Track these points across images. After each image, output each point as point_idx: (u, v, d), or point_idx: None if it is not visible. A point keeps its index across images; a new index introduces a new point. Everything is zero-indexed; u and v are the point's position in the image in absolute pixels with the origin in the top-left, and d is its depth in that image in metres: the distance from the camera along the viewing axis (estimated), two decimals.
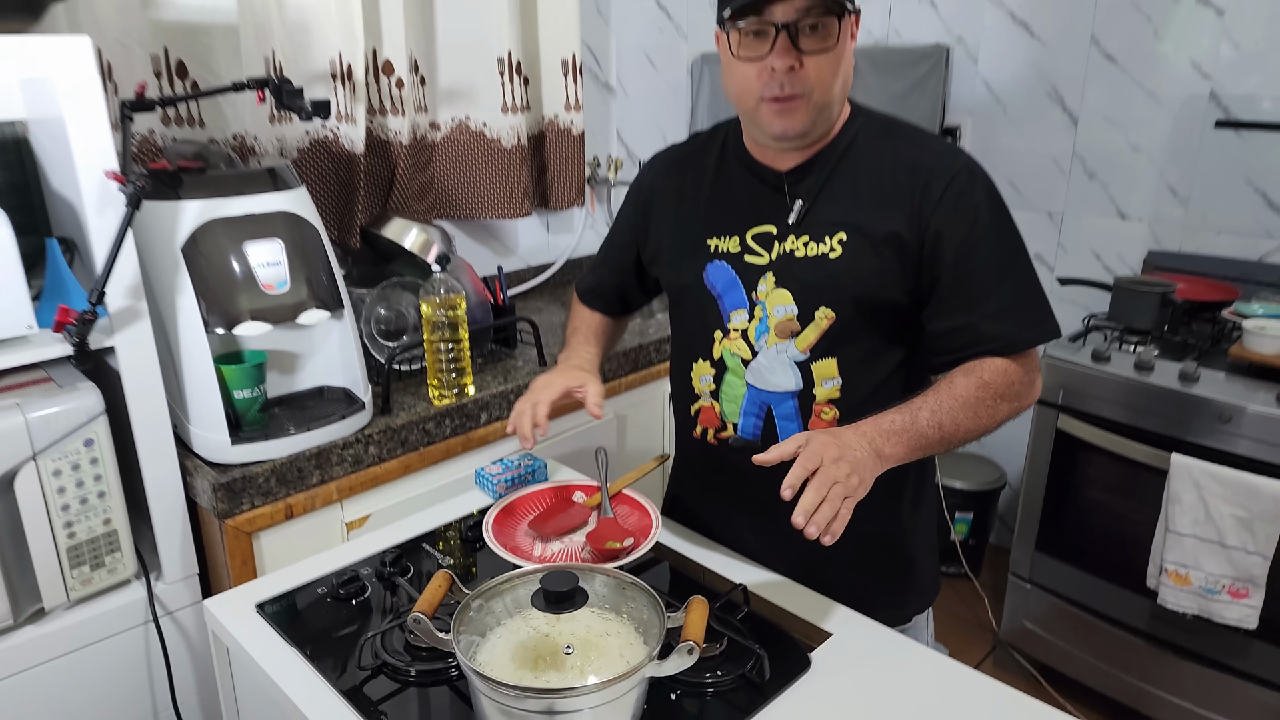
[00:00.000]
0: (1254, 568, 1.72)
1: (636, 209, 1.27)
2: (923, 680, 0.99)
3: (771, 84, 1.01)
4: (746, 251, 1.13)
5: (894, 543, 1.21)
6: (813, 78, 1.01)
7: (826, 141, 1.10)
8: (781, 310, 1.10)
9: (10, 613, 1.24)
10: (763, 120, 1.05)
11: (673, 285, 1.23)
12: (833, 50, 1.01)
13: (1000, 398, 1.04)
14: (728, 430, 1.18)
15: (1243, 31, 2.12)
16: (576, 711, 0.79)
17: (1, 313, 1.19)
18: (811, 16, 0.98)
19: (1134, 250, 2.39)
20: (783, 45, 0.99)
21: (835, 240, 1.08)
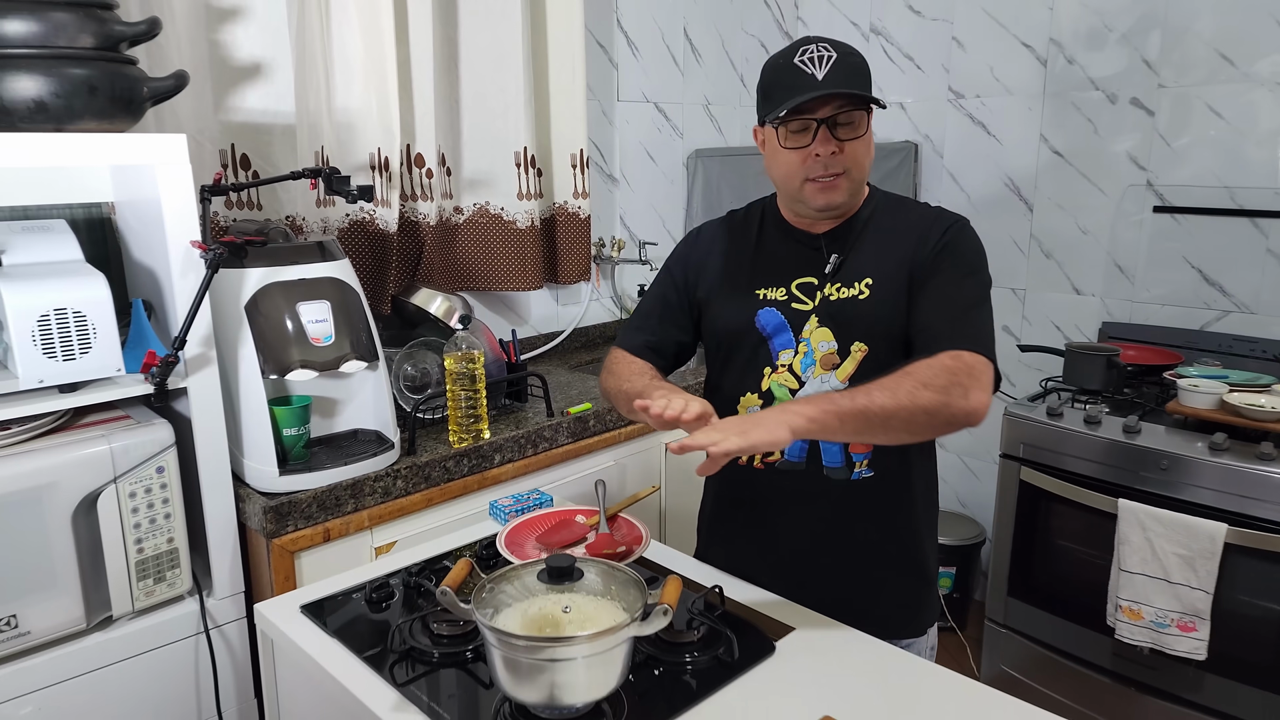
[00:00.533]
0: (1198, 602, 1.88)
1: (687, 271, 1.44)
2: (875, 666, 1.15)
3: (815, 166, 1.25)
4: (793, 300, 1.34)
5: (914, 564, 1.39)
6: (849, 159, 1.25)
7: (853, 212, 1.34)
8: (825, 345, 1.31)
9: (84, 618, 1.43)
10: (807, 196, 1.28)
11: (726, 330, 1.39)
12: (863, 137, 1.26)
13: (923, 385, 1.13)
14: (775, 455, 1.35)
15: (1171, 131, 2.40)
16: (572, 660, 0.97)
17: (99, 356, 1.41)
18: (845, 113, 1.23)
19: (1089, 322, 2.62)
20: (823, 136, 1.23)
21: (863, 284, 1.30)
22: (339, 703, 1.15)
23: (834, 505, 1.34)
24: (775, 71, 1.27)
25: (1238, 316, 2.35)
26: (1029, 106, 2.66)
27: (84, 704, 1.43)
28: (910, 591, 1.40)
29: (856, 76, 1.24)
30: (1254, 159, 2.28)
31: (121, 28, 1.47)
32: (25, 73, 1.37)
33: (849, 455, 1.32)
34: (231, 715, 1.59)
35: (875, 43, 3.01)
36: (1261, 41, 2.23)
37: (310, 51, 1.94)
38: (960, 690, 1.11)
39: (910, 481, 1.37)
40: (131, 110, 1.51)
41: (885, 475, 1.33)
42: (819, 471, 1.34)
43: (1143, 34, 2.41)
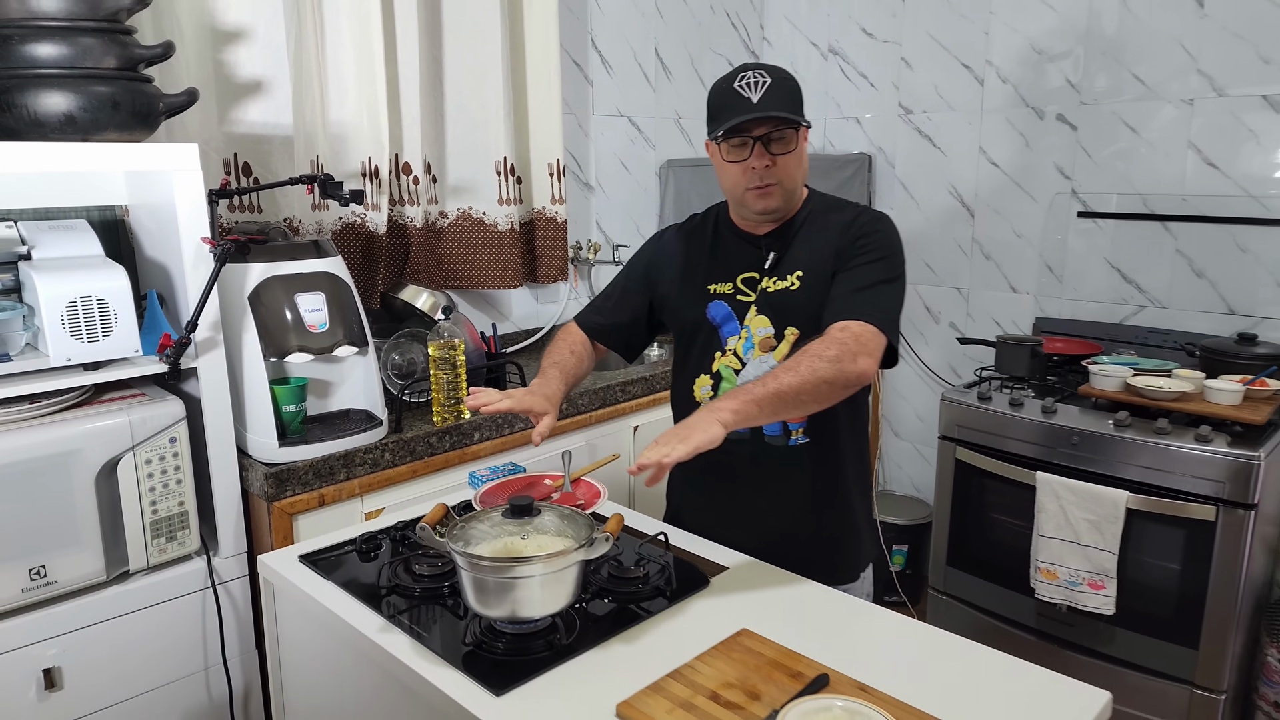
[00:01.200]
0: (1106, 562, 2.09)
1: (650, 267, 1.66)
2: (790, 594, 1.35)
3: (753, 177, 1.45)
4: (738, 293, 1.54)
5: (844, 517, 1.59)
6: (781, 171, 1.45)
7: (791, 215, 1.54)
8: (763, 331, 1.51)
9: (104, 571, 1.61)
10: (748, 202, 1.49)
11: (684, 320, 1.60)
12: (794, 152, 1.46)
13: (818, 358, 1.30)
14: None
15: (1092, 144, 2.63)
16: (530, 578, 1.16)
17: (119, 339, 1.60)
18: (777, 131, 1.43)
19: (1025, 317, 2.84)
20: (758, 151, 1.43)
21: (794, 277, 1.50)
22: (334, 631, 1.34)
23: (777, 466, 1.55)
24: (718, 94, 1.48)
25: (1152, 311, 2.58)
26: (969, 122, 2.89)
27: (103, 649, 1.61)
28: (842, 540, 1.60)
29: (788, 100, 1.44)
30: (1163, 168, 2.51)
31: (140, 51, 1.67)
32: (57, 90, 1.57)
33: (786, 425, 1.53)
34: (235, 663, 1.78)
35: (833, 62, 3.24)
36: (1168, 64, 2.47)
37: (307, 69, 2.14)
38: (861, 610, 1.32)
39: (840, 445, 1.57)
40: (148, 123, 1.71)
41: (818, 440, 1.54)
42: (761, 440, 1.55)
43: (1066, 57, 2.65)
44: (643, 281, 1.67)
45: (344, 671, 1.34)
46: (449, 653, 1.18)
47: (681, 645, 1.19)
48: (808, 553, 1.51)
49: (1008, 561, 2.33)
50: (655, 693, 1.08)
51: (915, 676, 1.12)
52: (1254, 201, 2.39)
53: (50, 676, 1.54)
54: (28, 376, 1.53)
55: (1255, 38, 2.33)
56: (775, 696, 1.05)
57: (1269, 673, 2.19)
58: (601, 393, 2.28)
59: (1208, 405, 2.11)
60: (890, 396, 3.29)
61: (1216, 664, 2.06)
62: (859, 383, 1.35)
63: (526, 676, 1.13)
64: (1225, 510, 1.99)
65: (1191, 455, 2.02)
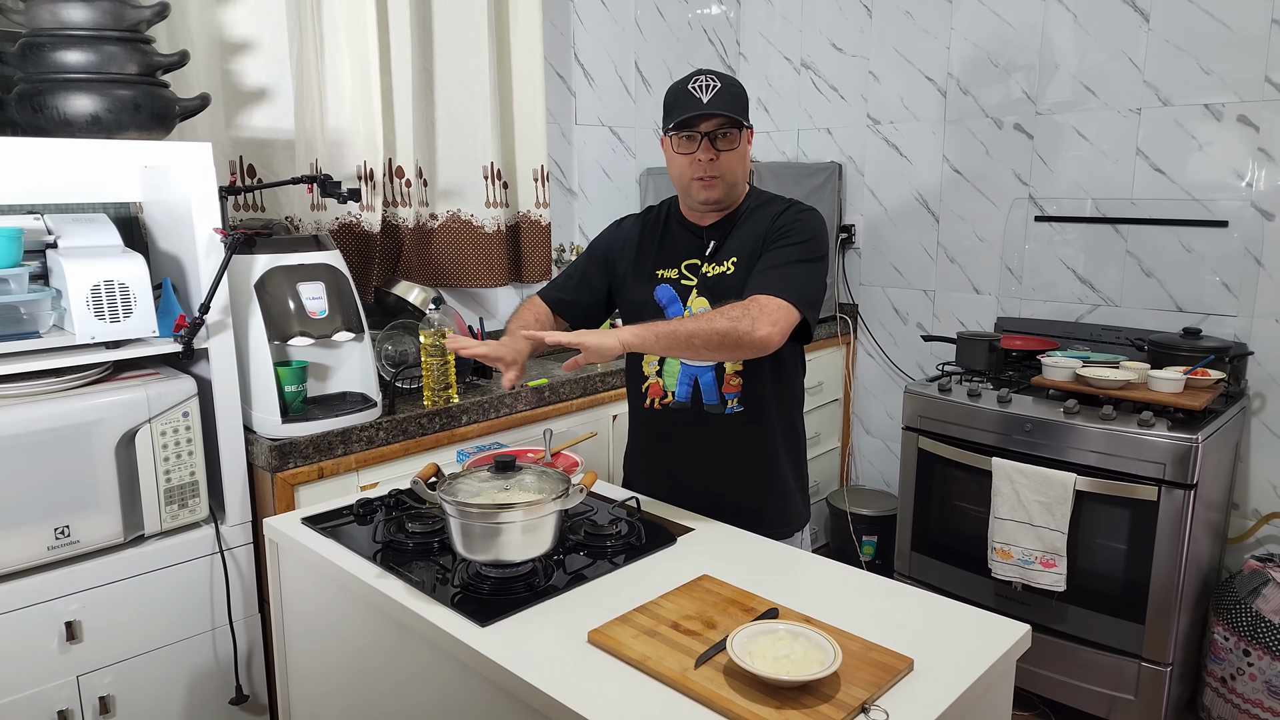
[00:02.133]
0: (1056, 541, 2.24)
1: (609, 251, 1.82)
2: (754, 550, 1.49)
3: (698, 169, 1.62)
4: (682, 277, 1.71)
5: (774, 478, 1.75)
6: (724, 166, 1.62)
7: (732, 209, 1.70)
8: (702, 310, 1.65)
9: (122, 533, 1.74)
10: (693, 192, 1.66)
11: (633, 301, 1.75)
12: (737, 149, 1.63)
13: (721, 315, 1.47)
14: (669, 398, 1.73)
15: (1047, 151, 2.80)
16: (512, 523, 1.29)
17: (138, 320, 1.73)
18: (723, 128, 1.59)
19: (987, 317, 3.00)
20: (705, 146, 1.60)
21: (730, 263, 1.66)
22: (333, 580, 1.47)
23: (714, 432, 1.71)
24: (673, 94, 1.64)
25: (1106, 309, 2.74)
26: (933, 131, 3.06)
27: (119, 606, 1.74)
28: (772, 500, 1.75)
29: (734, 103, 1.61)
30: (1113, 174, 2.68)
31: (159, 58, 1.82)
32: (84, 93, 1.72)
33: (723, 395, 1.69)
34: (239, 625, 1.90)
35: (805, 75, 3.41)
36: (1116, 76, 2.64)
37: (307, 79, 2.29)
38: (811, 560, 1.46)
39: (769, 414, 1.72)
40: (165, 124, 1.86)
41: (750, 409, 1.70)
42: (701, 408, 1.71)
43: (1021, 69, 2.82)
44: (602, 264, 1.83)
45: (342, 618, 1.47)
46: (439, 594, 1.32)
47: (648, 588, 1.33)
48: (739, 510, 1.65)
49: (967, 545, 2.48)
50: (623, 623, 1.21)
51: (855, 611, 1.26)
52: (1198, 205, 2.55)
53: (71, 629, 1.67)
54: (56, 353, 1.66)
55: (1196, 50, 2.50)
56: (729, 626, 1.19)
57: (1216, 650, 2.33)
58: (582, 382, 2.42)
59: (1151, 393, 2.26)
60: (860, 395, 3.44)
61: (1162, 638, 2.20)
62: (759, 346, 1.49)
63: (508, 611, 1.26)
64: (1166, 491, 2.14)
65: (1135, 439, 2.17)
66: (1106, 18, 2.64)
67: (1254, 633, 2.22)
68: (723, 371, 1.69)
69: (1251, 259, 2.48)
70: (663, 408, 1.75)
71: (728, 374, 1.69)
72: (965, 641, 1.19)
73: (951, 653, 1.15)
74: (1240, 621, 2.26)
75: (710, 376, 1.69)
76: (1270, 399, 2.49)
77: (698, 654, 1.11)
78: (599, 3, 3.10)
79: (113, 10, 1.70)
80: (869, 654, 1.10)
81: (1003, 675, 1.19)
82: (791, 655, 1.06)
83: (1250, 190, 2.46)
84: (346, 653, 1.48)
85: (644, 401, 1.78)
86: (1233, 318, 2.52)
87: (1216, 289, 2.55)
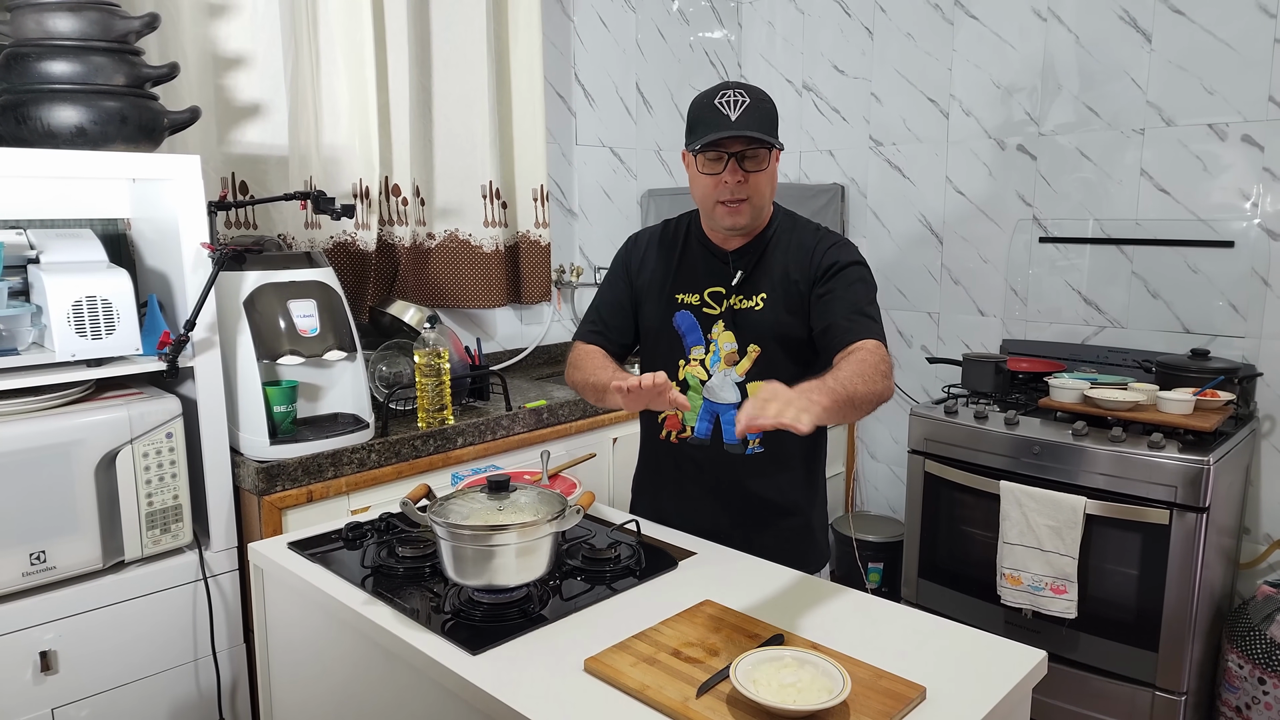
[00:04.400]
0: (1067, 566, 2.17)
1: (629, 267, 1.72)
2: (754, 573, 1.44)
3: (724, 191, 1.51)
4: (704, 305, 1.62)
5: (795, 522, 1.67)
6: (752, 188, 1.51)
7: (758, 232, 1.62)
8: (728, 345, 1.60)
9: (101, 559, 1.68)
10: (718, 216, 1.55)
11: (650, 327, 1.67)
12: (765, 170, 1.52)
13: (877, 371, 1.39)
14: (687, 432, 1.66)
15: (1051, 172, 2.77)
16: (506, 546, 1.24)
17: (121, 337, 1.69)
18: (751, 149, 1.49)
19: (992, 339, 2.95)
20: (732, 167, 1.49)
21: (759, 298, 1.59)
22: (320, 607, 1.41)
23: (733, 472, 1.63)
24: (699, 108, 1.54)
25: (1112, 331, 2.69)
26: (936, 153, 3.03)
27: (98, 635, 1.67)
28: (794, 540, 1.67)
29: (765, 120, 1.51)
30: (1117, 195, 2.65)
31: (148, 70, 1.79)
32: (69, 104, 1.68)
33: (745, 435, 1.61)
34: (223, 655, 1.83)
35: (807, 97, 3.39)
36: (1120, 96, 2.62)
37: (302, 95, 2.26)
38: (818, 585, 1.40)
39: (793, 453, 1.64)
40: (153, 137, 1.82)
41: (772, 450, 1.62)
42: (720, 448, 1.63)
43: (1024, 91, 2.80)
44: (626, 284, 1.72)
45: (330, 646, 1.41)
46: (429, 621, 1.26)
47: (648, 614, 1.27)
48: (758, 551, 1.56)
49: (975, 571, 2.41)
50: (621, 650, 1.15)
51: (864, 637, 1.20)
52: (1203, 225, 2.52)
53: (46, 659, 1.60)
54: (34, 370, 1.61)
55: (1199, 70, 2.48)
56: (733, 653, 1.13)
57: (1230, 678, 2.26)
58: (581, 404, 2.37)
59: (1160, 415, 2.21)
60: (866, 420, 3.38)
61: (1176, 666, 2.13)
62: (888, 398, 1.43)
63: (501, 639, 1.20)
64: (1178, 514, 2.08)
65: (1145, 461, 2.11)
66: (1108, 38, 2.62)
67: (1269, 660, 2.15)
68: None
69: (1259, 279, 2.44)
70: (679, 442, 1.67)
71: None
72: (979, 669, 1.13)
73: (965, 680, 1.09)
74: (1255, 649, 2.19)
75: (733, 414, 1.60)
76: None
77: (699, 682, 1.05)
78: (600, 24, 3.09)
79: (100, 21, 1.67)
80: (879, 682, 1.05)
81: (1018, 704, 1.13)
82: (798, 683, 1.01)
83: (1256, 210, 2.43)
84: (333, 683, 1.42)
85: (659, 432, 1.71)
86: (1240, 339, 2.48)
87: (1224, 310, 2.50)
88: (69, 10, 1.66)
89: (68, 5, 1.67)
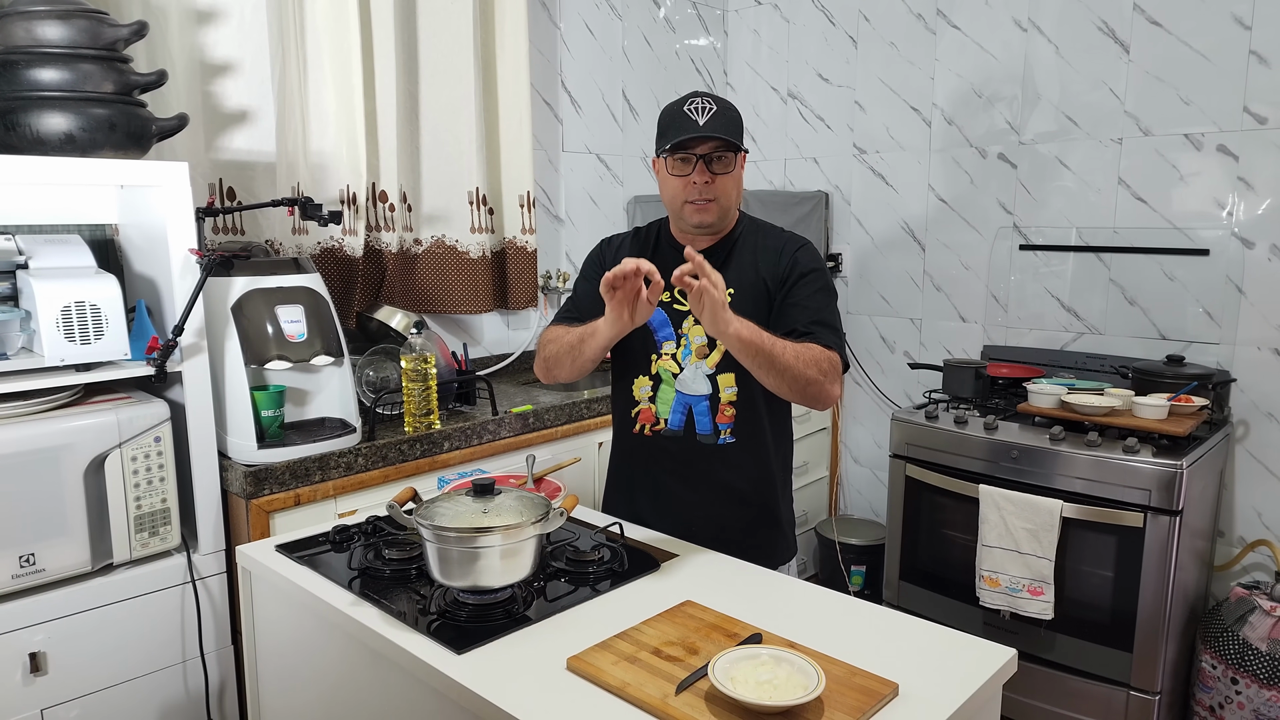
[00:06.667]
0: (1044, 568, 2.21)
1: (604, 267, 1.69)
2: (739, 576, 1.46)
3: (693, 192, 1.59)
4: (675, 302, 1.67)
5: (764, 511, 1.72)
6: (719, 189, 1.59)
7: (725, 234, 1.68)
8: (699, 340, 1.65)
9: (90, 562, 1.69)
10: (686, 215, 1.63)
11: None
12: (732, 173, 1.60)
13: (812, 364, 1.49)
14: (661, 425, 1.70)
15: (1031, 181, 2.82)
16: (490, 548, 1.26)
17: (110, 342, 1.70)
18: (718, 151, 1.57)
19: (974, 345, 3.00)
20: (701, 168, 1.57)
21: (726, 293, 1.62)
22: (307, 608, 1.43)
23: (705, 462, 1.68)
24: (668, 115, 1.62)
25: (1090, 337, 2.74)
26: (918, 161, 3.07)
27: (86, 637, 1.68)
28: (763, 530, 1.72)
29: (731, 126, 1.59)
30: (1095, 203, 2.69)
31: (136, 77, 1.80)
32: (58, 111, 1.69)
33: (716, 425, 1.66)
34: (211, 658, 1.84)
35: (792, 105, 3.43)
36: (1098, 106, 2.66)
37: (290, 102, 2.28)
38: (796, 585, 1.43)
39: (765, 445, 1.70)
40: (142, 144, 1.83)
41: (743, 440, 1.67)
42: (693, 437, 1.67)
43: (1005, 100, 2.85)
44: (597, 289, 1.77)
45: (317, 648, 1.43)
46: (415, 621, 1.28)
47: (630, 614, 1.29)
48: (727, 541, 1.61)
49: (955, 574, 2.45)
50: (603, 649, 1.18)
51: (840, 636, 1.22)
52: (1180, 233, 2.57)
53: (36, 661, 1.61)
54: (23, 375, 1.62)
55: (1176, 81, 2.53)
56: (712, 652, 1.15)
57: (1204, 678, 2.30)
58: (567, 409, 2.39)
59: (1136, 420, 2.26)
60: (848, 423, 3.42)
61: (1150, 666, 2.17)
62: (825, 403, 1.52)
63: (486, 639, 1.22)
64: (1152, 517, 2.13)
65: (1120, 465, 2.16)
66: (1087, 49, 2.67)
67: (1242, 661, 2.19)
68: (717, 401, 1.66)
69: (1233, 287, 2.49)
70: (653, 434, 1.71)
71: (722, 404, 1.66)
72: (951, 666, 1.16)
73: (937, 677, 1.12)
74: (1228, 649, 2.23)
75: (705, 405, 1.66)
76: (1254, 426, 2.49)
77: (679, 680, 1.08)
78: (587, 31, 3.12)
79: (89, 28, 1.69)
80: (853, 679, 1.07)
81: (989, 700, 1.16)
82: (774, 680, 1.03)
83: (1231, 219, 2.48)
84: (321, 684, 1.44)
85: (633, 427, 1.75)
86: (1215, 345, 2.53)
87: (1199, 317, 2.55)
88: (58, 18, 1.68)
89: (57, 13, 1.68)
